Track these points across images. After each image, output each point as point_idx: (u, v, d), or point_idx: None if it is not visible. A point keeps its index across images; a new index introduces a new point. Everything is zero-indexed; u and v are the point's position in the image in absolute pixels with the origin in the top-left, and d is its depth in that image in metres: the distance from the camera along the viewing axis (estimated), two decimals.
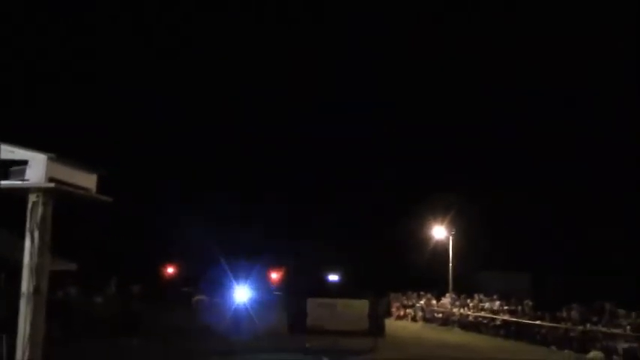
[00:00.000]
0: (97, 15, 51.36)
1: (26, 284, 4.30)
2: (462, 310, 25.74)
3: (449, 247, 29.36)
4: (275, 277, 35.90)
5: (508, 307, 23.10)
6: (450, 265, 28.42)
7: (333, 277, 35.15)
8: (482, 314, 24.12)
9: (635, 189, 32.39)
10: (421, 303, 29.38)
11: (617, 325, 17.52)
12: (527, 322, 20.94)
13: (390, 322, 24.73)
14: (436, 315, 27.67)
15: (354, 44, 55.39)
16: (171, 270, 40.62)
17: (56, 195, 4.41)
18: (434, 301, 29.08)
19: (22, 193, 4.39)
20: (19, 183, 4.32)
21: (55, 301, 13.66)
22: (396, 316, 29.69)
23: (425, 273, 31.70)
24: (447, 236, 29.41)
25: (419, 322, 28.13)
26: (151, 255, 37.71)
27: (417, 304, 29.58)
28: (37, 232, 4.33)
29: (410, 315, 29.39)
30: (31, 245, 4.33)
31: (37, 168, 4.29)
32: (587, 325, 18.33)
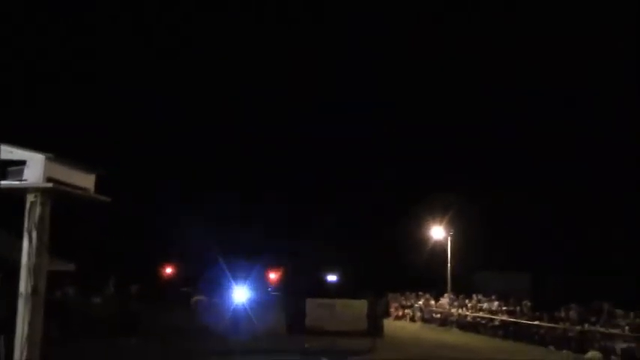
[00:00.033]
0: (97, 15, 51.37)
1: (24, 284, 4.29)
2: (461, 311, 25.75)
3: (447, 247, 29.37)
4: (273, 277, 35.90)
5: (506, 308, 23.11)
6: (449, 266, 28.41)
7: (331, 278, 35.14)
8: (481, 314, 24.13)
9: (635, 189, 32.37)
10: (419, 303, 29.39)
11: (616, 326, 17.52)
12: (525, 322, 20.95)
13: (389, 323, 24.71)
14: (434, 315, 27.67)
15: (354, 44, 55.44)
16: (170, 270, 40.63)
17: (54, 195, 4.41)
18: (432, 302, 29.09)
19: (20, 193, 4.39)
20: (17, 183, 4.32)
21: (54, 302, 13.66)
22: (395, 317, 29.67)
23: (424, 273, 31.70)
24: (446, 236, 29.41)
25: (417, 322, 28.13)
26: (150, 255, 37.72)
27: (415, 304, 29.59)
28: (35, 232, 4.32)
29: (408, 315, 29.39)
30: (29, 245, 4.32)
31: (35, 168, 4.29)
32: (586, 326, 18.33)
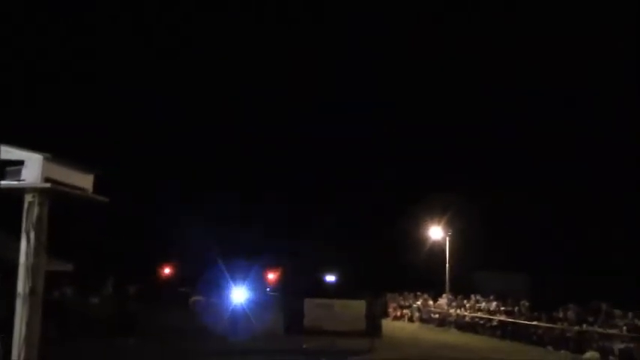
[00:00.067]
0: (97, 15, 51.28)
1: (22, 285, 4.28)
2: (459, 311, 25.78)
3: (446, 247, 29.35)
4: (272, 277, 35.89)
5: (505, 308, 23.14)
6: (447, 266, 28.41)
7: (330, 278, 35.16)
8: (479, 315, 24.16)
9: (635, 189, 32.32)
10: (418, 303, 29.42)
11: (614, 326, 17.55)
12: (523, 322, 20.98)
13: (387, 323, 24.69)
14: (433, 315, 27.70)
15: (354, 44, 55.34)
16: (169, 270, 40.64)
17: (52, 195, 4.40)
18: (431, 302, 29.13)
19: (18, 193, 4.37)
20: (15, 183, 4.31)
21: (52, 302, 13.64)
22: (393, 317, 29.69)
23: (423, 274, 31.68)
24: (444, 237, 29.40)
25: (416, 322, 28.16)
26: (149, 255, 37.70)
27: (413, 304, 29.61)
28: (33, 233, 4.31)
29: (407, 315, 29.40)
30: (27, 246, 4.31)
31: (32, 168, 4.27)
32: (584, 326, 18.37)
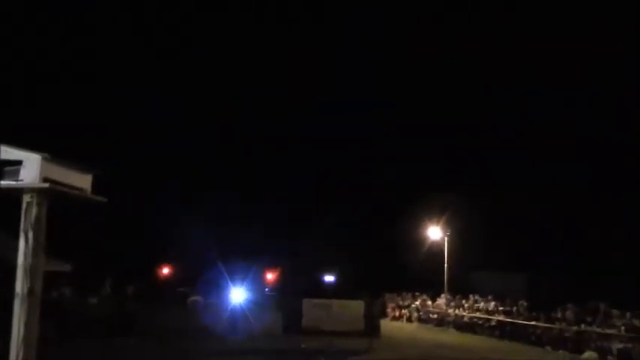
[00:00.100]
0: (97, 15, 51.29)
1: (20, 285, 4.28)
2: (458, 311, 25.79)
3: (444, 247, 29.37)
4: (270, 277, 35.90)
5: (503, 308, 23.15)
6: (446, 266, 28.43)
7: (329, 278, 35.18)
8: (478, 315, 24.17)
9: (635, 189, 32.31)
10: (416, 304, 29.43)
11: (612, 326, 17.57)
12: (522, 322, 21.00)
13: (386, 323, 24.69)
14: (431, 316, 27.71)
15: (354, 44, 55.39)
16: (167, 270, 40.61)
17: (51, 195, 4.39)
18: (429, 302, 29.14)
19: (16, 193, 4.37)
20: (13, 183, 4.30)
21: (50, 302, 13.63)
22: (392, 317, 29.70)
23: (423, 273, 31.70)
24: (443, 237, 29.41)
25: (414, 322, 28.17)
26: (148, 255, 37.68)
27: (412, 304, 29.62)
28: (31, 233, 4.31)
29: (405, 316, 29.42)
30: (26, 246, 4.31)
31: (31, 168, 4.27)
32: (582, 326, 18.39)
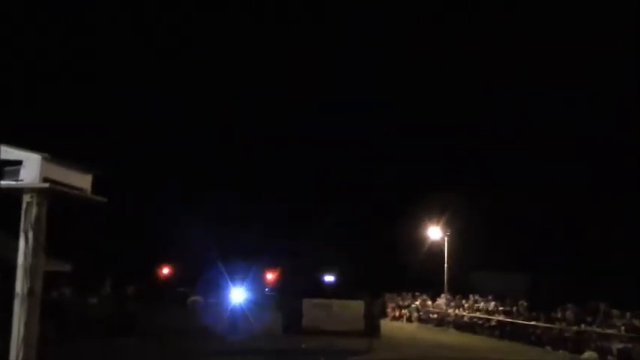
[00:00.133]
0: (97, 15, 51.28)
1: (20, 285, 4.28)
2: (458, 311, 25.79)
3: (444, 247, 29.37)
4: (270, 277, 35.91)
5: (503, 308, 23.15)
6: (446, 266, 28.43)
7: (329, 278, 35.18)
8: (478, 315, 24.17)
9: (635, 189, 32.31)
10: (416, 304, 29.43)
11: (612, 326, 17.57)
12: (522, 322, 21.00)
13: (386, 323, 24.69)
14: (431, 316, 27.71)
15: (354, 44, 55.38)
16: (167, 270, 40.62)
17: (51, 195, 4.39)
18: (429, 302, 29.14)
19: (16, 193, 4.37)
20: (13, 183, 4.30)
21: (50, 302, 13.64)
22: (392, 317, 29.70)
23: (423, 273, 31.71)
24: (443, 237, 29.42)
25: (414, 322, 28.17)
26: (148, 255, 37.68)
27: (412, 304, 29.62)
28: (31, 233, 4.31)
29: (405, 316, 29.42)
30: (26, 246, 4.31)
31: (31, 168, 4.27)
32: (582, 326, 18.39)
